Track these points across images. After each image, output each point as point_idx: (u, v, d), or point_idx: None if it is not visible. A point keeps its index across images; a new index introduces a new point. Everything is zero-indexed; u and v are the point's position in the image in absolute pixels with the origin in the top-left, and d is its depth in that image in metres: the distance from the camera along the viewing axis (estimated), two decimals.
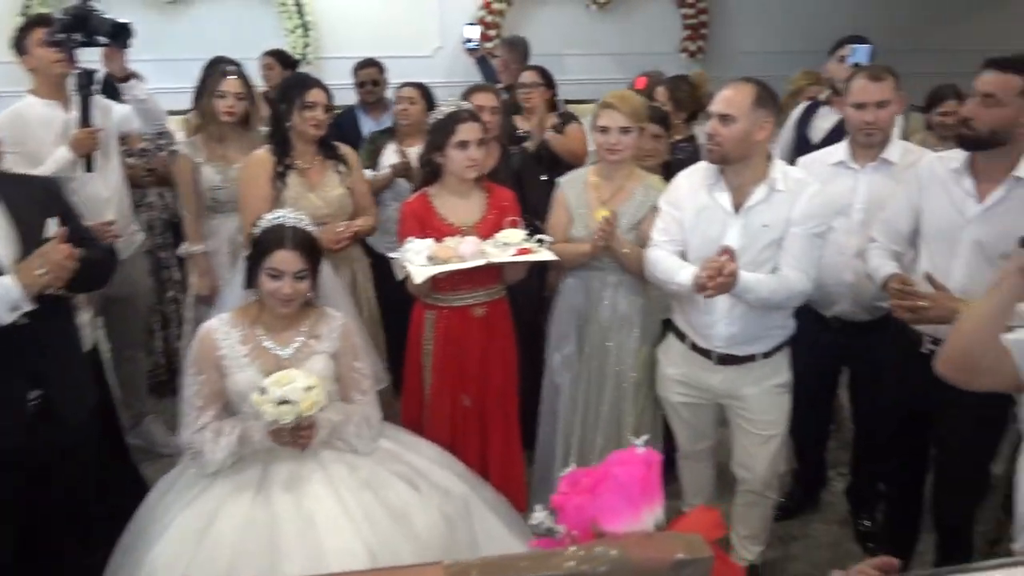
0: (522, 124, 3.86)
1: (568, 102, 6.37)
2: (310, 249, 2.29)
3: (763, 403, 2.56)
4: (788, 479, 3.29)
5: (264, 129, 3.27)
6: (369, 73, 4.60)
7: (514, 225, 2.67)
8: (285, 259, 2.22)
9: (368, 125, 4.46)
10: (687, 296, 2.46)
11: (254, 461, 2.21)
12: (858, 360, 2.89)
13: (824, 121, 3.56)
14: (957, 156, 2.35)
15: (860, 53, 3.20)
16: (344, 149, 3.10)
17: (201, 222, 3.32)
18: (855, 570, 1.16)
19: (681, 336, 2.60)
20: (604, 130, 2.67)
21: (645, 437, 1.25)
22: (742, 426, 2.63)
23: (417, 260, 2.51)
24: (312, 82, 2.99)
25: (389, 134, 3.84)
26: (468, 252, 2.51)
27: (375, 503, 2.17)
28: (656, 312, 2.82)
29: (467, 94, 3.27)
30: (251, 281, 2.31)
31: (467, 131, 2.63)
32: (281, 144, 2.96)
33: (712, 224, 2.43)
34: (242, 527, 2.07)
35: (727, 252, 2.24)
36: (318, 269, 2.35)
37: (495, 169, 3.14)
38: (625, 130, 2.64)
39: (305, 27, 6.54)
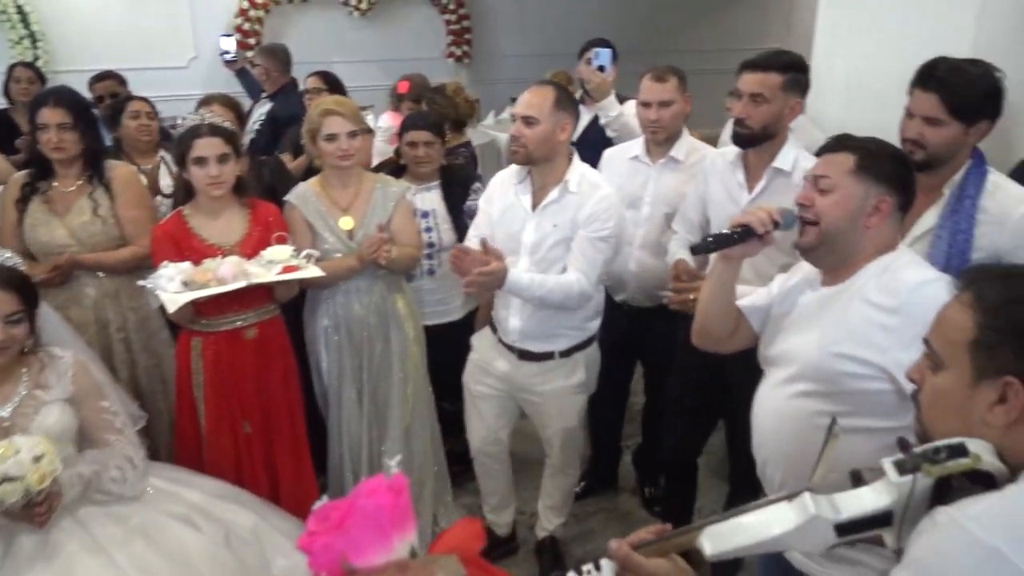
0: None
1: None
2: (22, 289, 2.00)
3: (558, 402, 2.64)
4: (587, 461, 3.43)
5: None
6: (107, 86, 4.18)
7: (281, 241, 2.54)
8: None
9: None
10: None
11: None
12: (647, 342, 3.06)
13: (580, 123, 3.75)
14: (733, 150, 2.53)
15: (603, 56, 3.40)
16: (114, 172, 2.78)
17: None
18: (634, 535, 1.21)
19: (493, 328, 2.66)
20: (332, 137, 2.61)
21: (398, 457, 1.23)
22: (536, 417, 2.73)
23: (170, 287, 2.31)
24: (42, 100, 2.68)
25: (114, 152, 3.52)
26: (228, 274, 2.34)
27: (151, 553, 1.96)
28: (416, 311, 2.85)
29: (200, 104, 3.10)
30: None
31: (204, 146, 2.44)
32: (38, 165, 2.69)
33: (514, 221, 2.50)
34: None
35: (485, 246, 2.31)
36: (35, 311, 2.07)
37: (242, 182, 3.01)
38: (352, 134, 2.62)
39: (33, 37, 5.90)
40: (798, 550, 1.12)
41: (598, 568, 1.13)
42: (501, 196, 2.55)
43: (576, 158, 2.52)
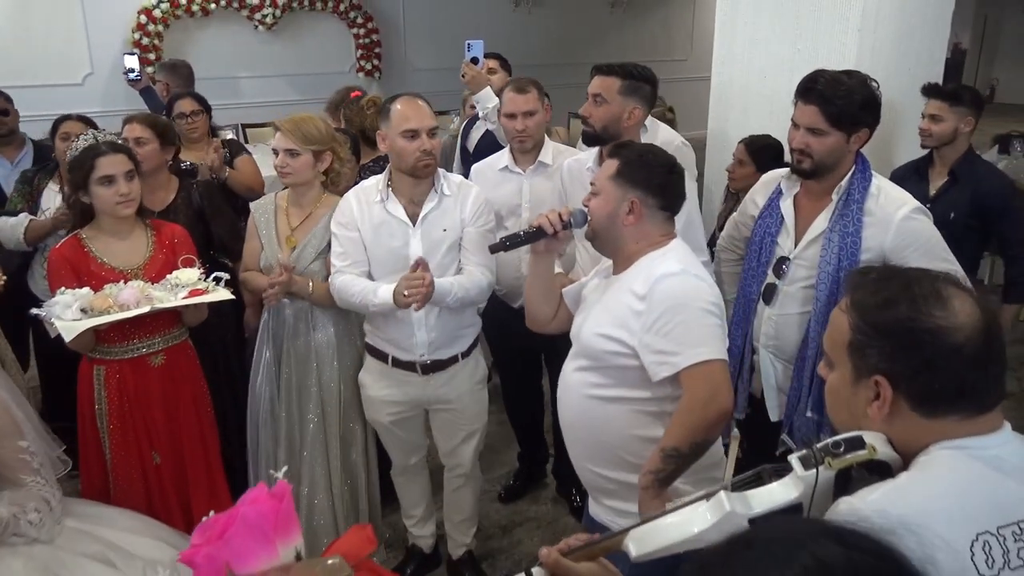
0: (187, 155, 3.59)
1: (245, 126, 6.15)
2: None
3: (467, 401, 2.65)
4: (515, 461, 3.49)
5: None
6: None
7: (189, 264, 2.46)
8: None
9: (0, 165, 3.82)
10: (383, 313, 2.47)
11: None
12: (549, 343, 3.10)
13: (477, 132, 3.84)
14: (590, 154, 2.64)
15: (475, 48, 3.51)
16: None
17: None
18: (563, 542, 1.24)
19: (382, 356, 2.61)
20: (275, 152, 2.59)
21: (284, 469, 1.23)
22: (448, 425, 2.71)
23: (67, 315, 2.21)
24: None
25: (49, 172, 3.35)
26: (130, 299, 2.24)
27: None
28: (357, 336, 2.80)
29: (124, 123, 2.98)
30: None
31: (109, 164, 2.36)
32: None
33: (393, 237, 2.46)
34: None
35: (420, 264, 2.30)
36: None
37: (174, 205, 2.87)
38: (291, 152, 2.57)
39: None
40: None
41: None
42: (366, 216, 2.47)
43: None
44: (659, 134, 3.08)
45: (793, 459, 1.12)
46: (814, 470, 1.08)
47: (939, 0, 3.17)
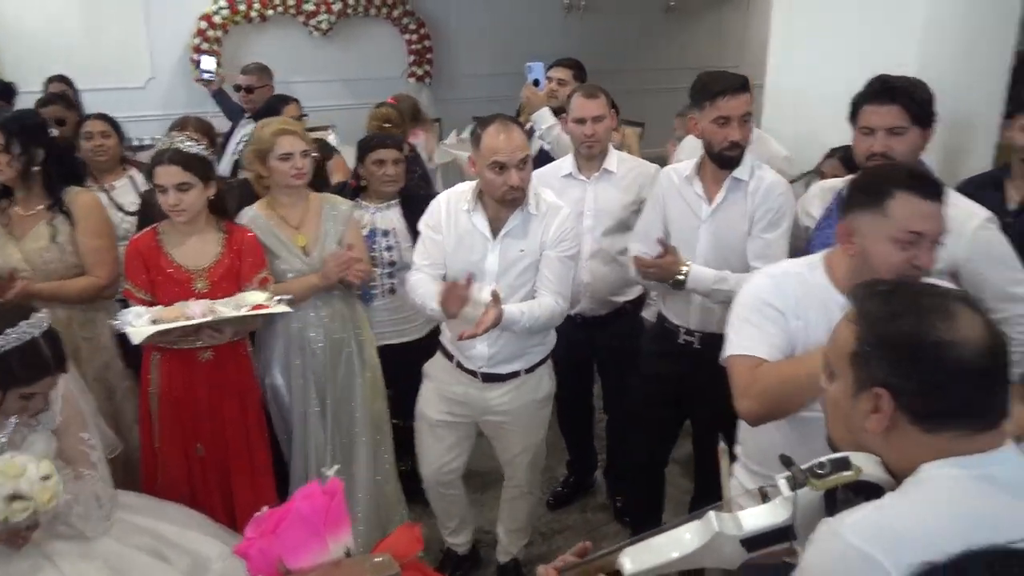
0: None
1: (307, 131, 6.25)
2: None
3: (525, 418, 2.64)
4: (564, 468, 3.51)
5: None
6: (53, 111, 4.01)
7: (263, 284, 2.53)
8: None
9: None
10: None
11: None
12: (602, 349, 3.12)
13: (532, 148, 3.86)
14: (687, 165, 2.59)
15: (536, 70, 3.52)
16: (76, 199, 2.70)
17: None
18: (560, 558, 1.26)
19: (448, 355, 2.62)
20: (287, 157, 2.60)
21: (336, 467, 1.26)
22: (502, 438, 2.71)
23: (138, 323, 2.32)
24: None
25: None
26: (196, 312, 2.35)
27: None
28: (371, 337, 2.85)
29: (173, 127, 3.08)
30: None
31: (162, 175, 2.42)
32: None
33: (472, 250, 2.44)
34: None
35: (496, 299, 2.27)
36: None
37: (221, 205, 2.98)
38: (305, 153, 2.62)
39: None
40: (713, 566, 1.18)
41: None
42: (452, 223, 2.48)
43: None
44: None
45: (780, 479, 1.13)
46: (797, 491, 1.10)
47: (1004, 7, 3.08)
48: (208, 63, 5.13)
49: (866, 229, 1.61)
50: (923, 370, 1.04)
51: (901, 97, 2.06)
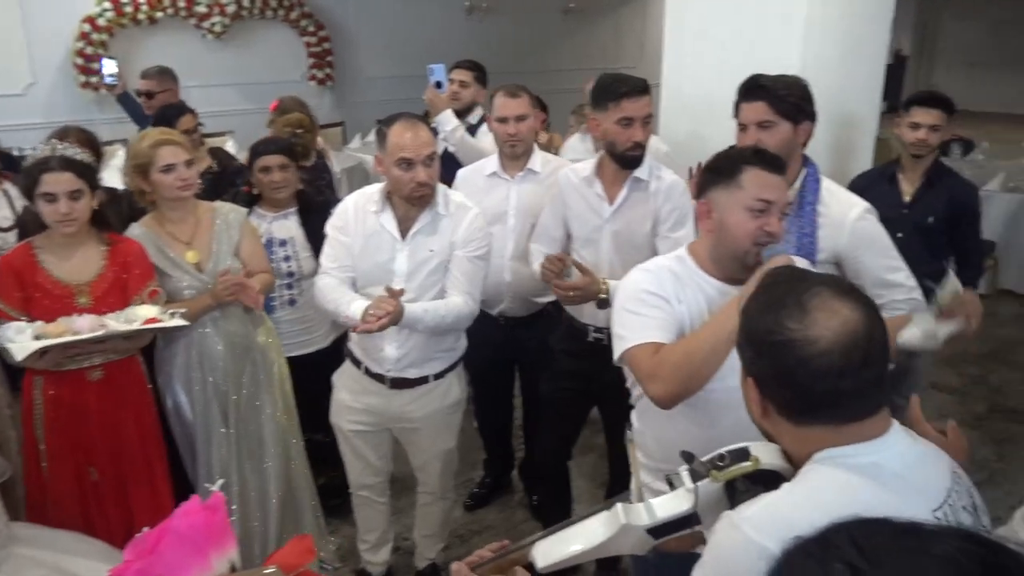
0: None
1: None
2: None
3: (435, 424, 2.61)
4: (480, 470, 3.51)
5: None
6: None
7: (153, 297, 2.40)
8: None
9: None
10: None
11: None
12: (523, 351, 3.13)
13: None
14: (587, 166, 2.61)
15: (437, 72, 3.52)
16: None
17: None
18: (475, 553, 1.26)
19: (356, 362, 2.58)
20: (170, 168, 2.49)
21: (221, 481, 1.24)
22: (415, 444, 2.68)
23: (20, 339, 2.17)
24: None
25: None
26: (85, 326, 2.21)
27: None
28: (278, 341, 2.79)
29: (53, 136, 2.91)
30: None
31: (53, 182, 2.26)
32: None
33: (380, 251, 2.40)
34: None
35: (394, 294, 2.23)
36: None
37: (102, 216, 2.86)
38: (189, 162, 2.53)
39: None
40: (623, 553, 1.22)
41: None
42: (360, 225, 2.44)
43: None
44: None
45: (683, 471, 1.17)
46: (698, 482, 1.13)
47: (880, 7, 3.25)
48: (110, 66, 4.88)
49: (723, 201, 1.71)
50: (776, 366, 1.07)
51: (766, 93, 2.16)
